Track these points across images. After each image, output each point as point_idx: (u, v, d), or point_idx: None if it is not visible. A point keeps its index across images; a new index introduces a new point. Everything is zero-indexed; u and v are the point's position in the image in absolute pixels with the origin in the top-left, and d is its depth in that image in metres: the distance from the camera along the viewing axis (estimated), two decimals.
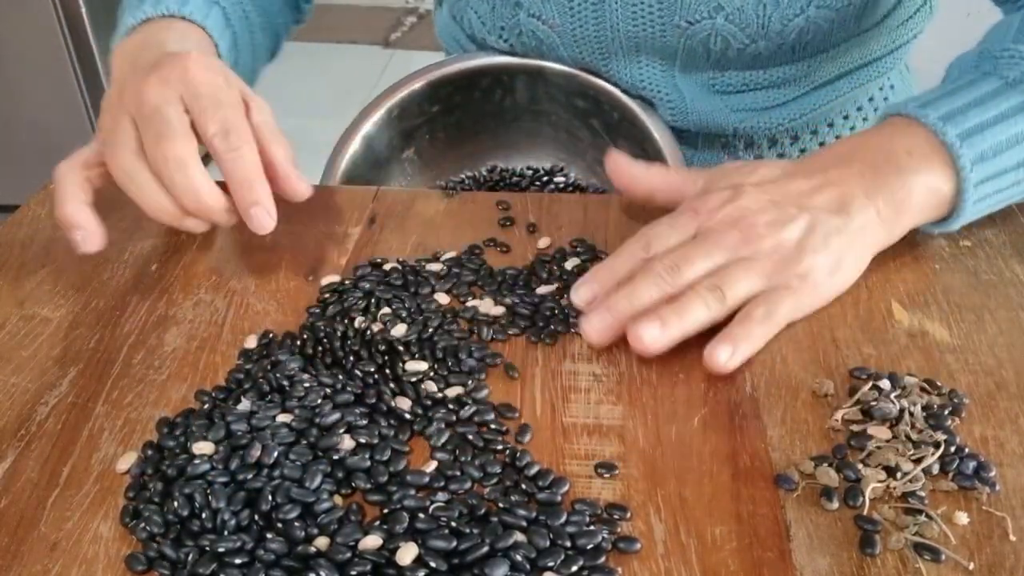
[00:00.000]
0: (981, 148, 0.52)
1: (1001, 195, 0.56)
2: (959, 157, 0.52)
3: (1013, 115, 0.53)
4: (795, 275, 0.51)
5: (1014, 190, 0.56)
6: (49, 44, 1.96)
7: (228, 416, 0.45)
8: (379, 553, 0.39)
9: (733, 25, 0.67)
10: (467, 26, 0.80)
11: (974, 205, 0.54)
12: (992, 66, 0.55)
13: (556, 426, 0.46)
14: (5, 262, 0.61)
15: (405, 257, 0.59)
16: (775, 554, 0.39)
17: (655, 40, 0.71)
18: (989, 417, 0.46)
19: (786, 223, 0.51)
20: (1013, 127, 0.53)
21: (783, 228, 0.51)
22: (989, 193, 0.54)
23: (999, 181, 0.54)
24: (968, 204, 0.54)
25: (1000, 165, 0.53)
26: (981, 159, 0.52)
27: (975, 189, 0.53)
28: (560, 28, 0.73)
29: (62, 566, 0.40)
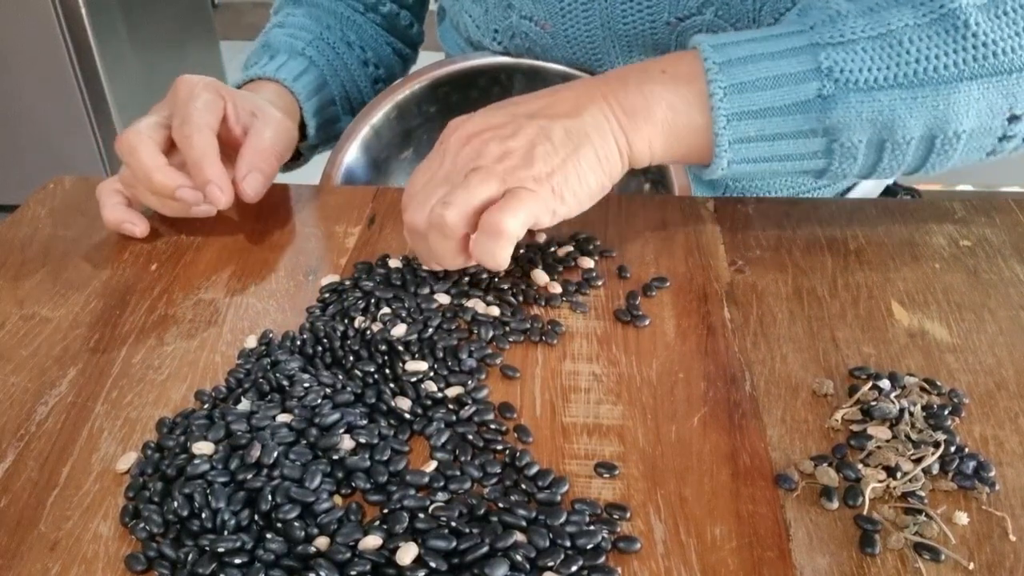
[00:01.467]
0: (742, 78, 0.49)
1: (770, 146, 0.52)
2: (712, 82, 0.50)
3: (788, 56, 0.50)
4: (530, 177, 0.49)
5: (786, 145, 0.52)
6: (49, 44, 1.96)
7: (228, 416, 0.45)
8: (379, 553, 0.39)
9: (723, 20, 0.67)
10: (463, 30, 0.81)
11: (733, 147, 0.51)
12: (802, 13, 0.53)
13: (556, 426, 0.46)
14: (5, 262, 0.61)
15: (405, 253, 0.59)
16: (775, 554, 0.39)
17: (646, 37, 0.71)
18: (989, 417, 0.46)
19: (516, 132, 0.50)
20: (787, 65, 0.50)
21: (512, 137, 0.50)
22: (750, 136, 0.51)
23: (761, 123, 0.50)
24: (723, 139, 0.51)
25: (759, 102, 0.50)
26: (740, 90, 0.49)
27: (729, 124, 0.50)
28: (552, 29, 0.73)
29: (62, 566, 0.40)
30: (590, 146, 0.51)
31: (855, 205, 0.66)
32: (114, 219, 0.62)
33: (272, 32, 0.80)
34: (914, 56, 0.49)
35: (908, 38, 0.49)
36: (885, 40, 0.49)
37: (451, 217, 0.49)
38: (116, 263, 0.60)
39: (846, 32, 0.49)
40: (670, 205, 0.65)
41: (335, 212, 0.66)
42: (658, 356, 0.50)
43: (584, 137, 0.51)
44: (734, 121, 0.50)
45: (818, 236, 0.61)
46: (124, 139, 0.60)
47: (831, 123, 0.50)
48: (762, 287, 0.56)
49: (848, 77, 0.49)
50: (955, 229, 0.61)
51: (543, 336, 0.52)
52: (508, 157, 0.49)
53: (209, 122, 0.61)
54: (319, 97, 0.77)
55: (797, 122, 0.51)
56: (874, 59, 0.49)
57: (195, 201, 0.60)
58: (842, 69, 0.49)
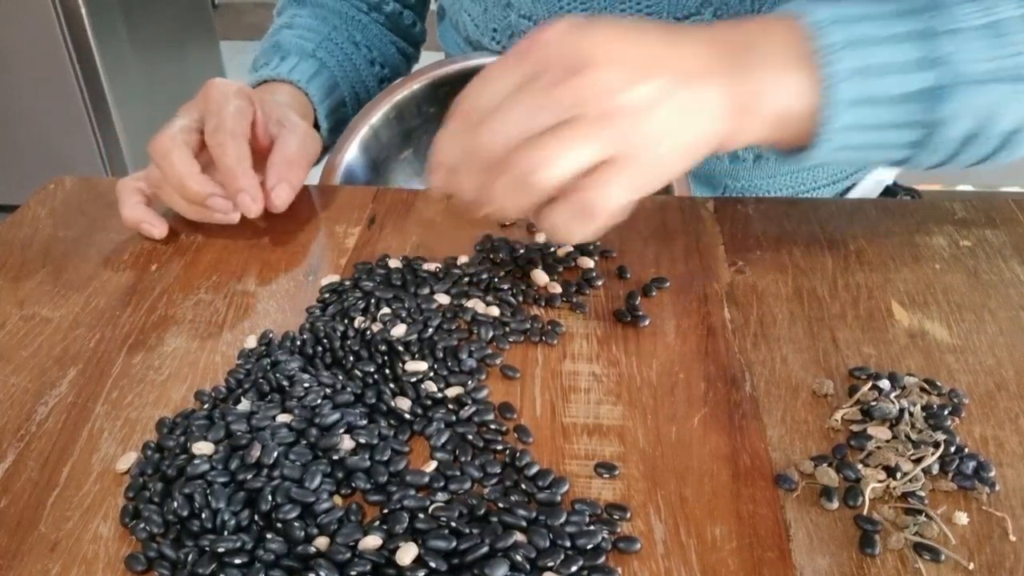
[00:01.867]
0: (858, 63, 0.45)
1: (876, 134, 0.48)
2: (829, 65, 0.45)
3: (903, 40, 0.46)
4: (640, 146, 0.43)
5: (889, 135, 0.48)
6: (49, 44, 1.96)
7: (228, 416, 0.45)
8: (379, 553, 0.39)
9: (722, 19, 0.67)
10: (462, 29, 0.81)
11: (841, 134, 0.47)
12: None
13: (556, 426, 0.46)
14: (5, 262, 0.61)
15: (405, 253, 0.59)
16: (775, 554, 0.39)
17: None
18: (989, 417, 0.46)
19: (635, 82, 0.42)
20: (899, 53, 0.46)
21: (626, 89, 0.42)
22: (861, 124, 0.47)
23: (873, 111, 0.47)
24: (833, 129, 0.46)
25: (876, 90, 0.46)
26: (858, 75, 0.45)
27: (845, 111, 0.46)
28: None
29: (62, 566, 0.40)
30: (692, 130, 0.45)
31: (855, 205, 0.65)
32: (133, 218, 0.62)
33: (281, 33, 0.80)
34: (1019, 48, 0.46)
35: (1013, 28, 0.46)
36: (992, 30, 0.46)
37: (545, 176, 0.41)
38: (116, 263, 0.60)
39: (957, 20, 0.45)
40: (670, 205, 0.65)
41: (335, 212, 0.66)
42: (658, 356, 0.50)
43: (694, 116, 0.44)
44: (852, 109, 0.46)
45: (818, 236, 0.61)
46: (159, 143, 0.59)
47: (939, 116, 0.47)
48: (762, 287, 0.56)
49: (963, 69, 0.46)
50: (955, 229, 0.61)
51: (543, 336, 0.52)
52: (621, 114, 0.42)
53: (244, 129, 0.60)
54: (331, 99, 0.77)
55: (907, 112, 0.47)
56: (983, 50, 0.46)
57: (225, 210, 0.60)
58: (957, 59, 0.45)
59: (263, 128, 0.64)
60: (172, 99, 2.56)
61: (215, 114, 0.60)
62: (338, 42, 0.80)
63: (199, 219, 0.62)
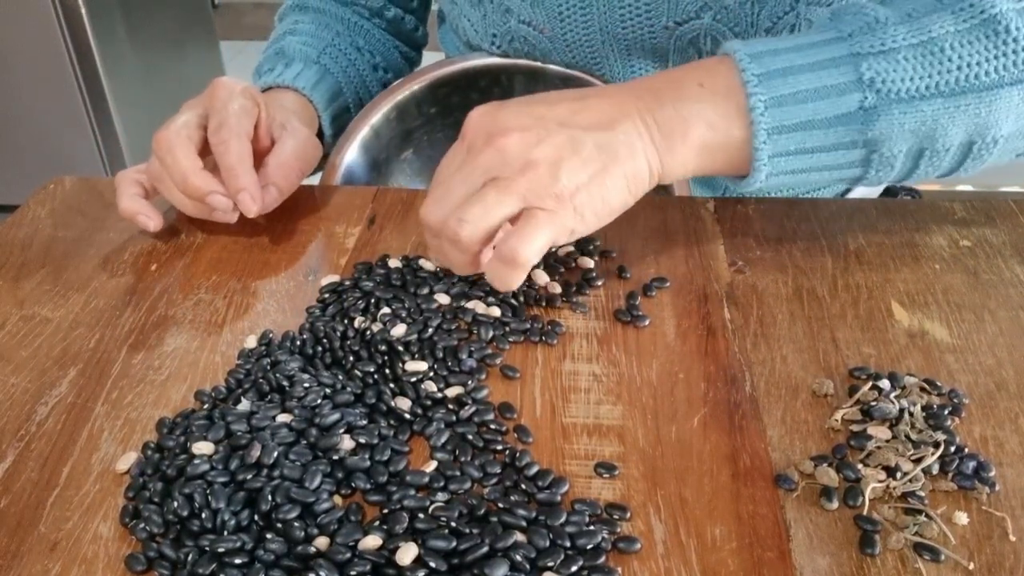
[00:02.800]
0: (781, 91, 0.47)
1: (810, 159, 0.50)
2: (751, 95, 0.47)
3: (829, 66, 0.48)
4: (552, 195, 0.47)
5: (827, 158, 0.50)
6: (49, 44, 1.96)
7: (228, 416, 0.45)
8: (379, 553, 0.39)
9: (722, 24, 0.67)
10: (462, 34, 0.81)
11: (772, 161, 0.49)
12: (838, 19, 0.51)
13: (556, 426, 0.46)
14: (5, 262, 0.61)
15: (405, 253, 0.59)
16: (775, 554, 0.39)
17: (645, 41, 0.71)
18: (989, 417, 0.46)
19: (543, 139, 0.47)
20: (827, 77, 0.48)
21: (538, 145, 0.47)
22: (790, 150, 0.49)
23: (802, 136, 0.49)
24: (763, 156, 0.49)
25: (803, 115, 0.48)
26: (779, 103, 0.47)
27: (769, 139, 0.48)
28: (551, 33, 0.73)
29: (62, 566, 0.40)
30: (619, 165, 0.48)
31: (855, 205, 0.65)
32: (130, 209, 0.61)
33: (285, 39, 0.80)
34: (955, 63, 0.47)
35: (949, 45, 0.47)
36: (926, 48, 0.47)
37: (465, 234, 0.47)
38: (116, 263, 0.60)
39: (887, 41, 0.47)
40: (670, 205, 0.65)
41: (335, 212, 0.66)
42: (658, 356, 0.50)
43: (614, 154, 0.48)
44: (774, 135, 0.48)
45: (818, 236, 0.61)
46: (163, 138, 0.59)
47: (873, 135, 0.49)
48: (762, 287, 0.56)
49: (890, 88, 0.48)
50: (955, 229, 0.61)
51: (543, 336, 0.52)
52: (532, 168, 0.47)
53: (247, 129, 0.61)
54: (335, 105, 0.78)
55: (838, 134, 0.49)
56: (916, 68, 0.47)
57: (225, 208, 0.59)
58: (884, 80, 0.47)
59: (266, 130, 0.63)
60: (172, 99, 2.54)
61: (219, 112, 0.60)
62: (342, 48, 0.81)
63: (197, 215, 0.62)
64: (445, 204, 0.49)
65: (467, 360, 0.50)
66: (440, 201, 0.49)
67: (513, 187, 0.47)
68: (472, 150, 0.49)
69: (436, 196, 0.50)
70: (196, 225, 0.64)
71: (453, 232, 0.48)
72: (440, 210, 0.49)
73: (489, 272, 0.49)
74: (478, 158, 0.48)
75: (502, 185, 0.47)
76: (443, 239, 0.49)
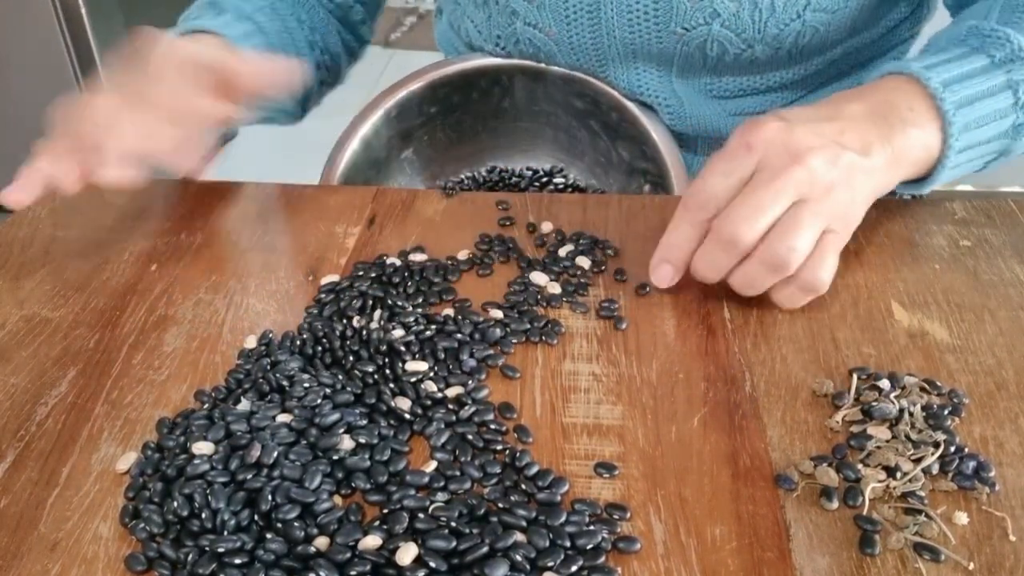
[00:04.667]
0: (968, 118, 0.55)
1: (971, 164, 0.58)
2: (951, 124, 0.54)
3: (997, 92, 0.56)
4: (839, 217, 0.51)
5: (979, 162, 0.59)
6: (49, 44, 1.96)
7: (228, 416, 0.45)
8: (379, 553, 0.39)
9: (729, 31, 0.68)
10: (464, 35, 0.80)
11: (949, 171, 0.57)
12: (979, 43, 0.57)
13: (556, 426, 0.46)
14: (5, 262, 0.61)
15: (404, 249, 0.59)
16: (775, 554, 0.39)
17: (651, 47, 0.71)
18: (989, 417, 0.46)
19: (835, 159, 0.51)
20: (995, 103, 0.56)
21: (834, 164, 0.50)
22: (962, 162, 0.57)
23: (973, 151, 0.57)
24: (946, 168, 0.56)
25: (979, 136, 0.56)
26: (966, 128, 0.55)
27: (956, 156, 0.56)
28: (557, 36, 0.73)
29: (62, 566, 0.40)
30: (870, 186, 0.53)
31: None
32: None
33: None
34: None
35: None
36: None
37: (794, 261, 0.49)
38: (116, 263, 0.60)
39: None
40: (670, 205, 0.64)
41: (335, 212, 0.66)
42: (658, 356, 0.50)
43: (868, 178, 0.52)
44: (960, 153, 0.56)
45: None
46: None
47: (1012, 147, 0.58)
48: None
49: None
50: (955, 229, 0.61)
51: (543, 336, 0.52)
52: (834, 191, 0.50)
53: None
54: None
55: (994, 147, 0.58)
56: None
57: None
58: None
59: None
60: None
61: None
62: (281, 13, 0.75)
63: None
64: (764, 222, 0.49)
65: (467, 360, 0.50)
66: (756, 219, 0.49)
67: (823, 211, 0.50)
68: (772, 166, 0.50)
69: (744, 213, 0.50)
70: (196, 225, 0.64)
71: (782, 259, 0.49)
72: (757, 228, 0.49)
73: (783, 296, 0.52)
74: (787, 175, 0.49)
75: (815, 209, 0.49)
76: (759, 258, 0.50)
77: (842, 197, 0.51)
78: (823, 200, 0.50)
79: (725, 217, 0.50)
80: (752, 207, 0.49)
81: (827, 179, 0.50)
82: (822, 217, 0.50)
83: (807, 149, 0.50)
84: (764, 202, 0.49)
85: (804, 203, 0.49)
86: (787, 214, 0.49)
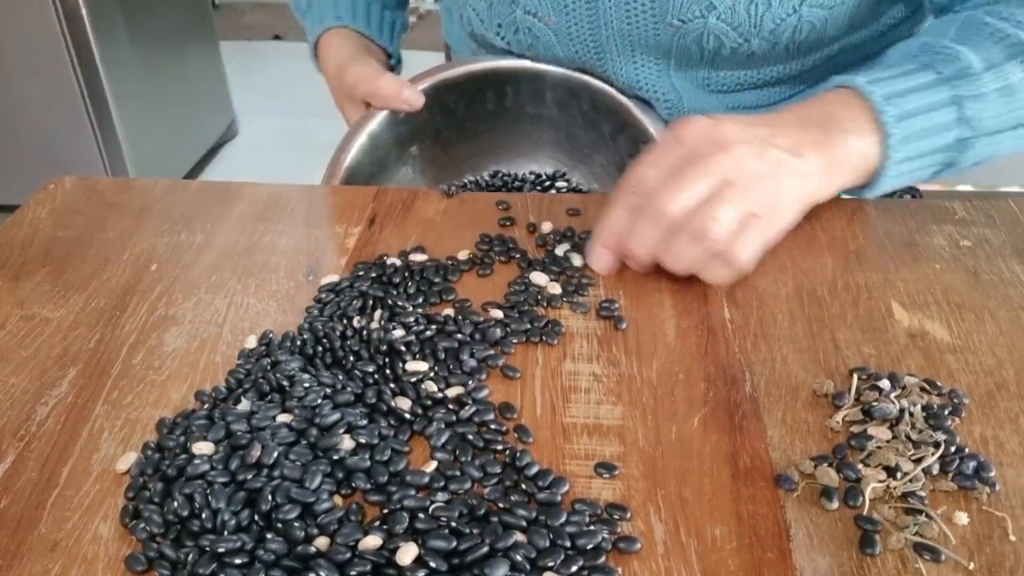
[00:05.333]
0: (909, 131, 0.58)
1: (915, 173, 0.61)
2: (890, 136, 0.57)
3: (940, 107, 0.58)
4: (764, 205, 0.54)
5: (924, 171, 0.61)
6: (49, 44, 1.96)
7: (228, 416, 0.45)
8: (379, 553, 0.39)
9: (725, 24, 0.68)
10: (466, 23, 0.81)
11: (891, 180, 0.60)
12: (930, 59, 0.60)
13: (556, 426, 0.46)
14: (5, 262, 0.61)
15: (404, 249, 0.59)
16: (775, 554, 0.39)
17: (649, 38, 0.71)
18: (989, 417, 0.46)
19: (762, 153, 0.54)
20: (938, 117, 0.58)
21: (760, 158, 0.54)
22: (904, 172, 0.60)
23: (915, 162, 0.59)
24: (887, 177, 0.59)
25: (919, 148, 0.59)
26: (906, 141, 0.58)
27: (896, 166, 0.58)
28: (556, 25, 0.73)
29: (62, 566, 0.40)
30: (801, 188, 0.56)
31: (855, 205, 0.65)
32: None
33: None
34: (1021, 103, 0.59)
35: (1019, 89, 0.59)
36: (1005, 92, 0.59)
37: (716, 232, 0.52)
38: (116, 263, 0.60)
39: (980, 87, 0.58)
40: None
41: (335, 212, 0.66)
42: (658, 356, 0.50)
43: (801, 178, 0.56)
44: (899, 164, 0.59)
45: (818, 236, 0.61)
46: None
47: (959, 159, 0.61)
48: (762, 288, 0.56)
49: (982, 125, 0.59)
50: (955, 229, 0.61)
51: (543, 336, 0.52)
52: (761, 179, 0.54)
53: None
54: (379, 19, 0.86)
55: (938, 159, 0.60)
56: (998, 108, 0.59)
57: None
58: (978, 119, 0.59)
59: None
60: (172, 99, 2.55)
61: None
62: None
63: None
64: (689, 197, 0.53)
65: (468, 360, 0.50)
66: (681, 194, 0.53)
67: (746, 194, 0.53)
68: (700, 154, 0.54)
69: (671, 190, 0.53)
70: (196, 225, 0.64)
71: (702, 227, 0.52)
72: (683, 202, 0.53)
73: (709, 271, 0.54)
74: (714, 160, 0.53)
75: (740, 191, 0.53)
76: (685, 231, 0.53)
77: (768, 187, 0.54)
78: (747, 185, 0.53)
79: (654, 193, 0.54)
80: (678, 185, 0.53)
81: (752, 168, 0.53)
82: (745, 199, 0.53)
83: (734, 141, 0.54)
84: (688, 180, 0.53)
85: (728, 184, 0.53)
86: (713, 193, 0.53)
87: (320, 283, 0.57)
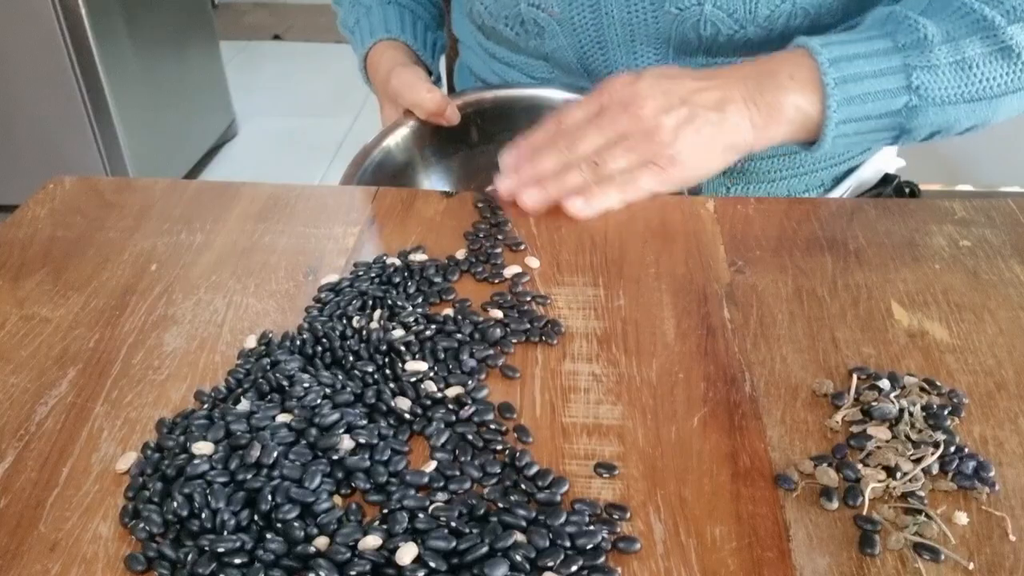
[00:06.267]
0: (851, 94, 0.61)
1: (863, 137, 0.64)
2: (830, 96, 0.61)
3: (888, 74, 0.61)
4: (665, 156, 0.61)
5: (872, 136, 0.64)
6: (49, 44, 1.96)
7: (228, 416, 0.45)
8: (379, 553, 0.39)
9: (721, 11, 0.70)
10: (476, 16, 0.83)
11: (834, 140, 0.63)
12: (893, 28, 0.62)
13: (556, 426, 0.46)
14: (5, 262, 0.61)
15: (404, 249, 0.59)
16: (775, 554, 0.39)
17: (648, 27, 0.73)
18: (989, 417, 0.46)
19: (668, 110, 0.61)
20: (884, 83, 0.61)
21: (665, 114, 0.61)
22: (849, 132, 0.63)
23: (860, 124, 0.62)
24: (828, 137, 0.62)
25: (864, 111, 0.61)
26: (848, 103, 0.61)
27: (838, 126, 0.62)
28: (559, 16, 0.75)
29: (62, 566, 0.40)
30: (723, 138, 0.62)
31: (855, 205, 0.66)
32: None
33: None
34: (978, 78, 0.61)
35: (976, 64, 0.61)
36: (960, 66, 0.61)
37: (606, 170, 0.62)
38: (116, 263, 0.60)
39: (932, 59, 0.60)
40: (670, 205, 0.65)
41: (335, 212, 0.66)
42: (658, 356, 0.50)
43: (721, 129, 0.61)
44: (841, 124, 0.62)
45: (818, 236, 0.61)
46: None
47: (909, 126, 0.63)
48: (762, 288, 0.56)
49: (931, 95, 0.61)
50: (955, 229, 0.61)
51: (543, 336, 0.52)
52: (657, 132, 0.61)
53: None
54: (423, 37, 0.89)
55: (883, 123, 0.63)
56: (951, 80, 0.61)
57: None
58: (927, 88, 0.61)
59: None
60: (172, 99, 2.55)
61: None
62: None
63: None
64: (587, 146, 0.62)
65: (467, 360, 0.50)
66: (581, 142, 0.62)
67: (636, 146, 0.61)
68: (609, 111, 0.63)
69: (578, 135, 0.62)
70: (196, 225, 0.64)
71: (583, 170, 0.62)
72: (581, 148, 0.62)
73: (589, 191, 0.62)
74: (617, 119, 0.62)
75: (634, 144, 0.61)
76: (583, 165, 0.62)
77: (664, 138, 0.61)
78: (642, 139, 0.61)
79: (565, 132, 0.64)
80: (581, 133, 0.63)
81: (650, 124, 0.61)
82: (637, 150, 0.61)
83: (644, 98, 0.61)
84: (590, 131, 0.63)
85: (623, 137, 0.62)
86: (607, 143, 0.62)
87: (320, 283, 0.57)
